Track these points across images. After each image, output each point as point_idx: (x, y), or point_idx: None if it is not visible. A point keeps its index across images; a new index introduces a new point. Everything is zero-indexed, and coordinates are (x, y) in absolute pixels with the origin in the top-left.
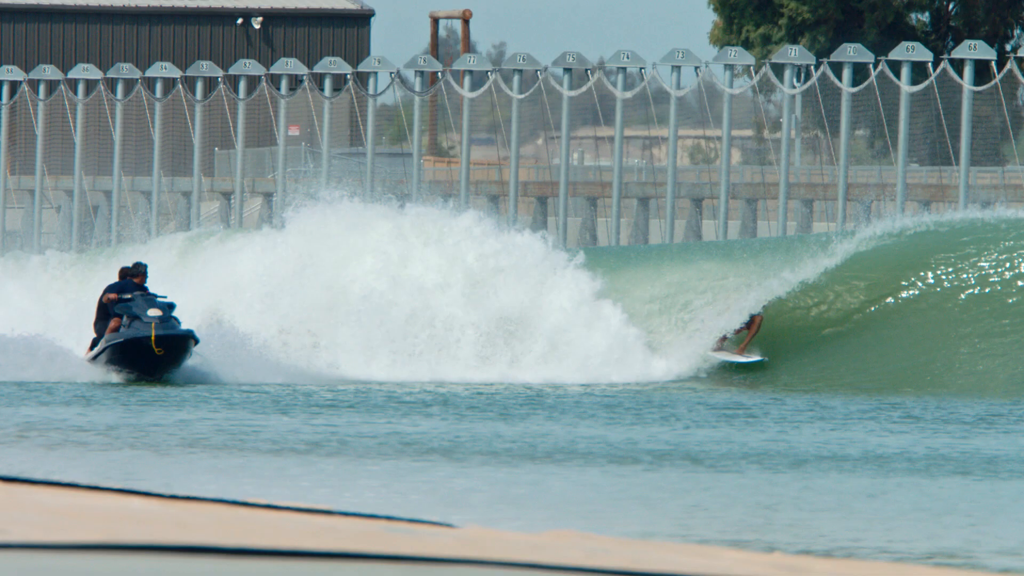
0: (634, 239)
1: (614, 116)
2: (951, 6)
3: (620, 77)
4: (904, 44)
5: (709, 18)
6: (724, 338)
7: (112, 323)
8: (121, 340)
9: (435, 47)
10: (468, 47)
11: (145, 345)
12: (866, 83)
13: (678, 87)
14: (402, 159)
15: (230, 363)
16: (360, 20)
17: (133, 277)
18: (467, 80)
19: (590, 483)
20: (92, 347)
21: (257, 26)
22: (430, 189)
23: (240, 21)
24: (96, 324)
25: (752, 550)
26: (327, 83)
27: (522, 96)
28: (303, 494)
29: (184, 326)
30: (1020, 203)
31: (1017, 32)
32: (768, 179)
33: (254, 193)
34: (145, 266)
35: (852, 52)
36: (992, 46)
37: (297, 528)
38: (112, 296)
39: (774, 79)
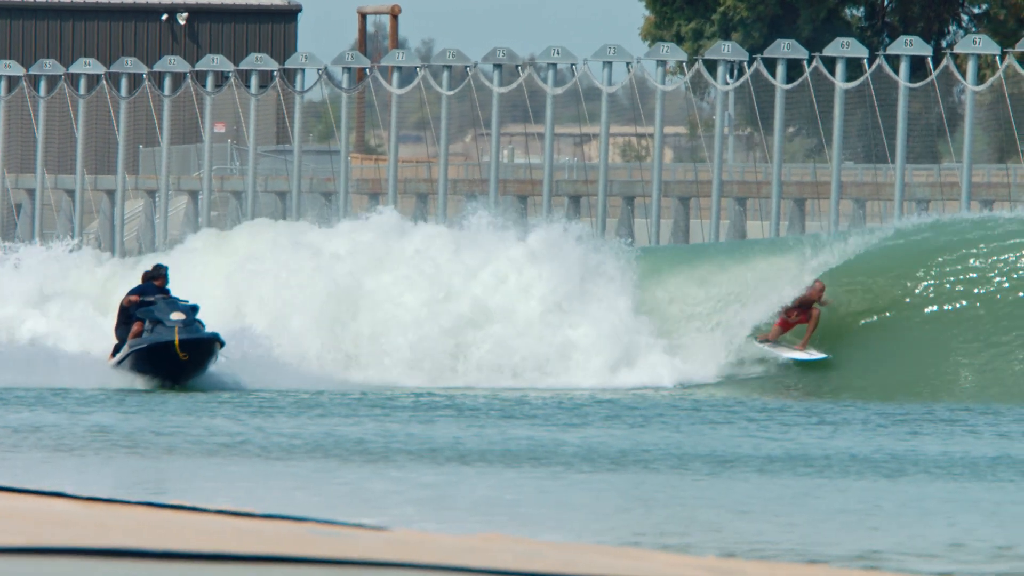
0: None
1: (544, 113)
2: (886, 2)
3: (550, 73)
4: (839, 40)
5: (640, 13)
6: (784, 323)
7: (134, 328)
8: (144, 346)
9: (363, 43)
10: (396, 43)
11: (169, 350)
12: (800, 80)
13: (609, 83)
14: (329, 157)
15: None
16: (287, 16)
17: (154, 280)
18: (395, 76)
19: (518, 485)
20: (114, 352)
21: (182, 22)
22: (358, 187)
23: (165, 17)
24: (117, 329)
25: (684, 553)
26: (253, 80)
27: (451, 93)
28: (227, 496)
29: (208, 328)
30: (956, 201)
31: (953, 28)
32: (701, 177)
33: (179, 191)
34: (166, 268)
35: (786, 48)
36: (928, 42)
37: (221, 531)
38: (134, 299)
39: (706, 75)
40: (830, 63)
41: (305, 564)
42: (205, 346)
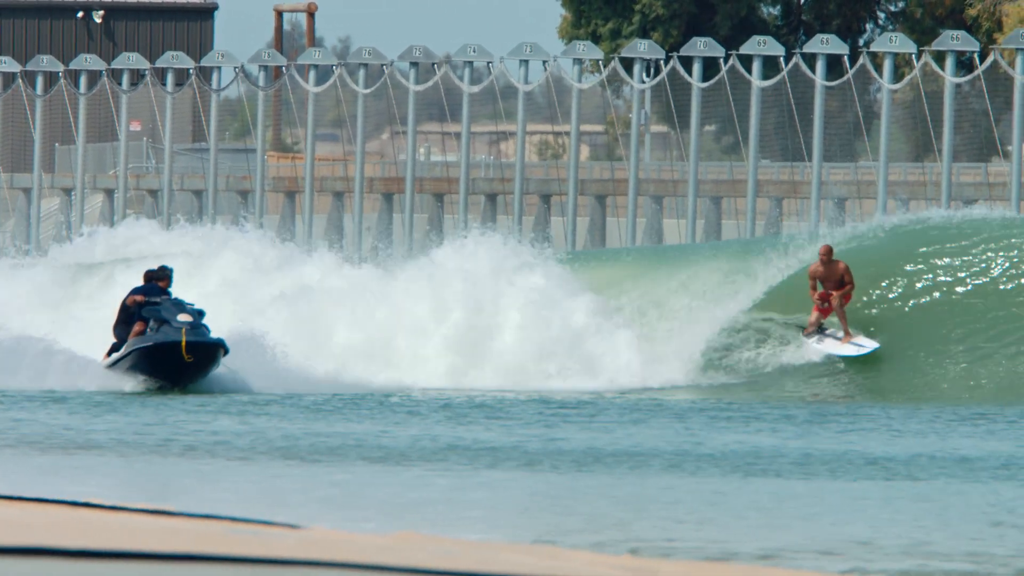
0: None
1: (461, 111)
2: (803, 0)
3: (467, 71)
4: (756, 38)
5: (558, 12)
6: (819, 308)
7: (136, 327)
8: (149, 344)
9: (279, 41)
10: (313, 41)
11: (175, 351)
12: (717, 78)
13: (526, 81)
14: (246, 155)
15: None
16: (203, 14)
17: (158, 280)
18: (312, 74)
19: (431, 485)
20: (111, 352)
21: (98, 20)
22: (274, 185)
23: (81, 15)
24: (116, 328)
25: (601, 552)
26: (169, 78)
27: (367, 91)
28: (146, 495)
29: (213, 334)
30: (872, 199)
31: (870, 26)
32: (618, 176)
33: (95, 189)
34: (171, 270)
35: (703, 46)
36: (844, 40)
37: (139, 529)
38: (139, 298)
39: (623, 73)
40: (747, 61)
41: (224, 563)
42: (211, 350)
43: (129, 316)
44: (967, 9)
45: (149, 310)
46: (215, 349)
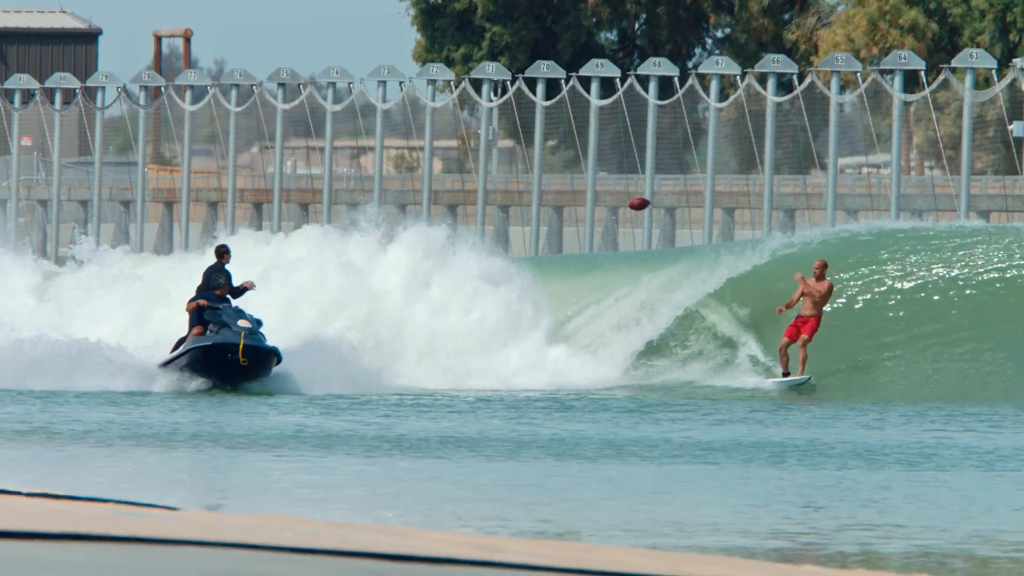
0: None
1: (324, 127)
2: (637, 27)
3: (330, 91)
4: (594, 61)
5: (413, 37)
6: (792, 330)
7: (195, 330)
8: (208, 343)
9: (158, 64)
10: (189, 63)
11: (232, 351)
12: (558, 97)
13: (384, 100)
14: (128, 168)
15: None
16: (88, 38)
17: (215, 289)
18: (188, 94)
19: (313, 471)
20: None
21: None
22: (154, 196)
23: None
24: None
25: (451, 531)
26: (58, 97)
27: (239, 109)
28: (34, 479)
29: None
30: (701, 208)
31: (698, 50)
32: (468, 187)
33: None
34: (226, 278)
35: (546, 68)
36: (675, 63)
37: (27, 510)
38: (202, 303)
39: (473, 93)
40: (586, 82)
41: (107, 541)
42: (265, 357)
43: (190, 319)
44: (787, 35)
45: (211, 314)
46: (269, 356)
